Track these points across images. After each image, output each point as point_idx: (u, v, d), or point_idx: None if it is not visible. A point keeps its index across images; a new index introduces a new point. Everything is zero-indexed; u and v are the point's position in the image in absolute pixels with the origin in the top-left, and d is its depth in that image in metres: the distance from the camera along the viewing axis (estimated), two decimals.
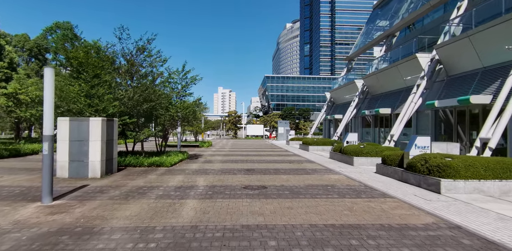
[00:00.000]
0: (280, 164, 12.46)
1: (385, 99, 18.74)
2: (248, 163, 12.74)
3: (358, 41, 30.93)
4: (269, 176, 9.32)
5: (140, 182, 8.07)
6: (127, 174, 9.59)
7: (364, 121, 21.75)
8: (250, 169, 10.82)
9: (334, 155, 14.58)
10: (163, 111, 13.03)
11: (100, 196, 6.39)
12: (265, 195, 6.59)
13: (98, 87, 10.77)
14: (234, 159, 14.40)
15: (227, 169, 10.79)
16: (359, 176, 9.38)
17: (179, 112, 12.97)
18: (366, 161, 12.17)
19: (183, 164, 12.40)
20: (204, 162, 13.26)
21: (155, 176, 9.24)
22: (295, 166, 11.84)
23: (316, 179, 8.83)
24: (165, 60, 13.26)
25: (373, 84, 20.57)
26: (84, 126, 8.77)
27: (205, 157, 15.39)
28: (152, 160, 11.27)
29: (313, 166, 12.07)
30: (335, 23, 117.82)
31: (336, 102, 29.70)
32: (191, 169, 10.74)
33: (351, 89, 23.73)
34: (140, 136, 11.10)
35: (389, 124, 17.90)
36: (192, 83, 14.23)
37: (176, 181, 8.26)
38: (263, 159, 14.73)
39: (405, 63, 16.06)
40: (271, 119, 53.71)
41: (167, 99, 12.87)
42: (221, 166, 11.82)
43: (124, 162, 11.09)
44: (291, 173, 10.02)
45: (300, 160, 14.18)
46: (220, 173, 9.82)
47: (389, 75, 18.05)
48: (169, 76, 13.72)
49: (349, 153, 12.83)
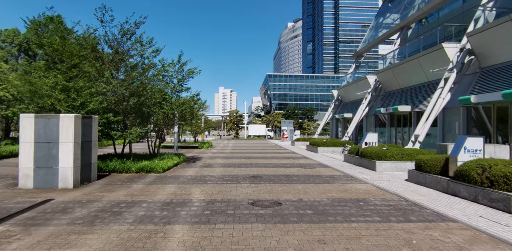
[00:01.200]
0: (290, 169, 10.78)
1: (403, 96, 17.03)
2: (253, 168, 11.06)
3: (367, 36, 29.20)
4: (280, 185, 7.64)
5: (120, 195, 6.40)
6: (108, 182, 7.93)
7: (377, 120, 20.04)
8: (257, 176, 9.14)
9: (350, 158, 12.88)
10: (156, 108, 11.39)
11: (59, 218, 4.72)
12: (281, 216, 4.90)
13: (76, 80, 9.13)
14: (236, 163, 12.71)
15: (229, 176, 9.11)
16: (390, 186, 7.68)
17: (175, 109, 11.30)
18: (391, 166, 10.48)
19: (178, 169, 10.73)
20: (202, 166, 11.59)
21: (142, 185, 7.57)
22: (309, 172, 10.15)
23: (340, 189, 7.14)
24: (158, 51, 11.61)
25: (388, 80, 18.85)
26: (53, 124, 7.11)
27: (204, 160, 13.71)
28: (141, 165, 9.61)
29: (329, 171, 10.38)
30: (338, 21, 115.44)
31: (344, 100, 27.97)
32: (187, 176, 9.07)
33: (362, 86, 22.02)
34: (127, 136, 9.43)
35: (408, 123, 16.19)
36: (189, 77, 12.59)
37: (165, 193, 6.59)
38: (269, 162, 13.04)
39: (428, 55, 14.35)
40: (274, 119, 51.97)
41: (160, 95, 11.21)
42: (222, 171, 10.15)
43: (108, 167, 9.43)
44: (307, 181, 8.33)
45: (312, 164, 12.49)
46: (221, 181, 8.14)
47: (407, 69, 16.34)
48: (163, 68, 12.08)
49: (369, 156, 11.14)
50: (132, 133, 9.34)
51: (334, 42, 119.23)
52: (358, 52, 28.39)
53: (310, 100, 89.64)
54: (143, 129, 9.85)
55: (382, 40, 24.25)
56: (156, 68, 11.79)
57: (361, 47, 28.64)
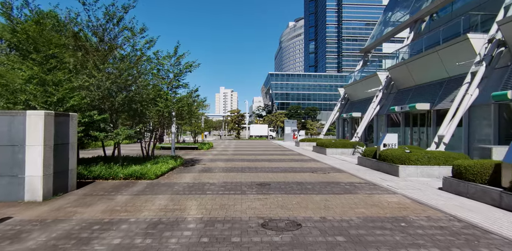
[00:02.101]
0: (301, 175, 9.49)
1: (419, 93, 15.73)
2: (259, 173, 9.78)
3: (374, 32, 27.89)
4: (294, 196, 6.36)
5: (97, 211, 5.13)
6: (89, 192, 6.66)
7: (389, 119, 18.73)
8: (264, 183, 7.86)
9: (366, 161, 11.60)
10: (150, 105, 10.14)
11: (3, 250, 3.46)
12: (305, 247, 3.62)
13: (55, 72, 7.86)
14: (240, 166, 11.44)
15: (232, 184, 7.83)
16: (426, 197, 6.39)
17: (170, 107, 10.04)
18: (416, 171, 9.18)
19: (174, 174, 9.46)
20: (201, 170, 10.32)
21: (127, 196, 6.31)
22: (322, 177, 8.86)
23: (367, 202, 5.86)
24: (152, 41, 10.36)
25: (401, 76, 17.55)
26: (18, 123, 5.85)
27: (204, 163, 12.44)
28: (130, 170, 8.34)
29: (345, 177, 9.09)
30: (342, 19, 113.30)
31: (351, 99, 26.65)
32: (183, 184, 7.79)
33: (372, 83, 20.71)
34: (114, 137, 8.16)
35: (426, 122, 14.88)
36: (187, 71, 11.32)
37: (154, 209, 5.32)
38: (276, 166, 11.76)
39: (450, 48, 13.04)
40: (277, 119, 50.64)
41: (154, 90, 9.96)
42: (223, 177, 8.87)
43: (92, 173, 8.17)
44: (324, 190, 7.04)
45: (323, 168, 11.20)
46: (223, 191, 6.86)
47: (424, 64, 15.03)
48: (158, 61, 10.84)
49: (390, 160, 9.84)
50: (119, 134, 8.06)
51: (337, 41, 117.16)
52: (366, 48, 27.10)
53: (313, 100, 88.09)
54: (133, 129, 8.57)
55: (392, 35, 22.93)
56: (149, 61, 10.56)
57: (368, 43, 27.34)
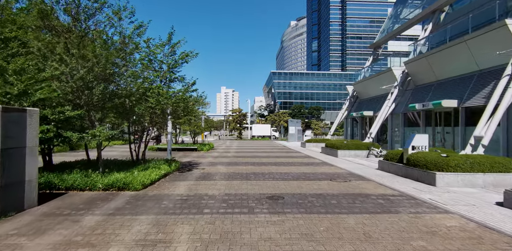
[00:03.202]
0: (317, 183, 7.95)
1: (442, 89, 14.15)
2: (267, 181, 8.25)
3: (385, 26, 26.32)
4: (319, 218, 4.82)
5: (47, 245, 3.62)
6: (51, 211, 5.15)
7: (406, 118, 17.15)
8: (276, 196, 6.32)
9: (389, 165, 10.05)
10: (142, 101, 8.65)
11: None
12: None
13: (18, 58, 6.37)
14: (244, 172, 9.91)
15: (237, 196, 6.30)
16: (493, 219, 4.84)
17: (162, 103, 8.52)
18: (456, 179, 7.63)
19: (166, 182, 7.93)
20: (199, 177, 8.79)
21: (99, 217, 4.79)
22: (345, 187, 7.32)
23: (421, 229, 4.32)
24: (141, 27, 8.87)
25: (420, 71, 15.98)
26: None
27: (203, 168, 10.91)
28: (112, 179, 6.83)
29: (372, 186, 7.54)
30: (346, 16, 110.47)
31: (361, 97, 25.08)
32: (175, 196, 6.27)
33: (386, 80, 19.13)
34: (90, 138, 6.64)
35: (451, 122, 13.29)
36: (183, 62, 9.81)
37: (128, 241, 3.80)
38: (285, 171, 10.22)
39: (482, 36, 11.48)
40: (280, 118, 49.00)
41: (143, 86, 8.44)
42: (225, 187, 7.34)
43: (65, 182, 6.67)
44: (355, 207, 5.50)
45: (341, 174, 9.66)
46: (224, 209, 5.33)
47: (449, 56, 13.46)
48: (149, 50, 9.35)
49: (422, 165, 8.29)
50: (97, 135, 6.54)
51: (341, 39, 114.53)
52: (376, 43, 25.52)
53: (316, 99, 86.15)
54: (116, 130, 7.06)
55: (406, 28, 21.33)
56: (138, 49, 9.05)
57: (378, 38, 25.77)
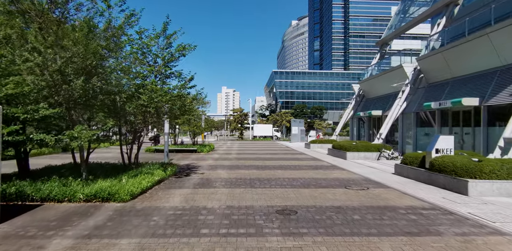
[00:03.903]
0: (332, 192, 6.96)
1: (460, 87, 13.14)
2: (274, 188, 7.27)
3: (392, 22, 25.33)
4: (346, 243, 3.83)
5: None
6: (12, 231, 4.20)
7: (419, 118, 16.14)
8: (287, 210, 5.34)
9: (409, 170, 9.06)
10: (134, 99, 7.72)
11: None
12: None
13: None
14: (247, 177, 8.94)
15: (240, 210, 5.32)
16: None
17: (155, 99, 7.55)
18: (491, 188, 6.66)
19: (159, 191, 6.96)
20: (197, 184, 7.82)
21: (70, 241, 3.83)
22: (365, 197, 6.34)
23: None
24: (133, 15, 7.94)
25: (435, 67, 14.97)
26: None
27: (202, 172, 9.95)
28: (95, 188, 5.86)
29: (395, 196, 6.55)
30: (348, 14, 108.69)
31: (368, 96, 24.06)
32: (167, 210, 5.29)
33: (396, 77, 18.11)
34: (68, 141, 5.68)
35: (472, 121, 12.28)
36: (180, 55, 8.86)
37: None
38: (294, 176, 9.24)
39: (507, 28, 10.46)
40: (282, 118, 47.95)
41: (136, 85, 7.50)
42: (227, 197, 6.36)
43: (40, 192, 5.71)
44: (384, 225, 4.52)
45: (356, 180, 8.68)
46: (226, 228, 4.35)
47: (468, 50, 12.46)
48: (142, 42, 8.42)
49: (450, 171, 7.30)
50: (76, 136, 5.57)
51: (343, 37, 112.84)
52: (383, 40, 24.54)
53: (319, 99, 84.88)
54: (98, 129, 6.09)
55: (415, 23, 20.33)
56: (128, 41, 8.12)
57: (386, 35, 24.80)
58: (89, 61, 5.53)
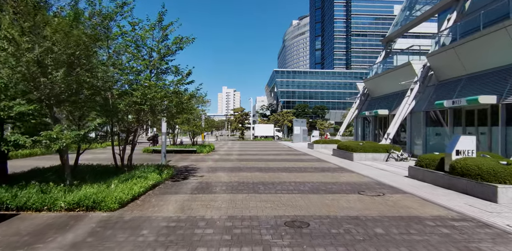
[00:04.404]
0: (346, 198, 6.26)
1: (473, 84, 12.43)
2: (281, 194, 6.57)
3: (398, 18, 24.61)
4: None
5: None
6: None
7: (428, 117, 15.43)
8: (298, 221, 4.65)
9: (426, 174, 8.36)
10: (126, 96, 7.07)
11: None
12: None
13: None
14: (250, 181, 8.24)
15: (244, 221, 4.63)
16: None
17: (149, 96, 6.86)
18: None
19: (153, 197, 6.27)
20: (196, 189, 7.13)
21: None
22: (383, 205, 5.64)
23: None
24: (125, 4, 7.30)
25: (446, 64, 14.27)
26: None
27: (201, 175, 9.26)
28: (79, 195, 5.18)
29: (416, 204, 5.85)
30: (350, 13, 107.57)
31: (373, 94, 23.35)
32: (159, 223, 4.59)
33: (403, 75, 17.40)
34: (46, 142, 5.00)
35: (488, 121, 11.56)
36: (177, 48, 8.17)
37: None
38: (301, 180, 8.54)
39: None
40: (284, 118, 47.22)
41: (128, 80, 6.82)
42: (228, 205, 5.67)
43: (16, 200, 5.03)
44: (414, 241, 3.82)
45: (368, 184, 7.98)
46: (228, 246, 3.65)
47: (484, 46, 11.75)
48: (135, 32, 7.74)
49: (475, 175, 6.60)
50: (55, 137, 4.88)
51: (345, 36, 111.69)
52: (389, 37, 23.83)
53: (320, 98, 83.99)
54: (82, 129, 5.40)
55: (423, 19, 19.61)
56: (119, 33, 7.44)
57: (391, 32, 24.06)
58: (70, 51, 4.84)
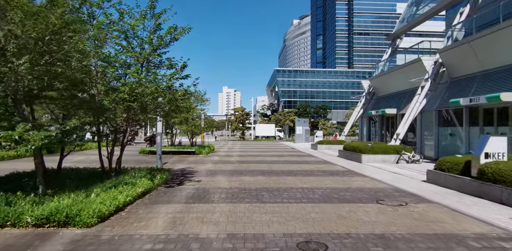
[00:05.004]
0: (364, 209, 5.42)
1: (492, 81, 11.58)
2: (289, 204, 5.73)
3: (404, 14, 23.75)
4: None
5: None
6: None
7: (441, 117, 14.57)
8: (313, 241, 3.80)
9: (448, 179, 7.50)
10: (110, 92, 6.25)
11: None
12: None
13: None
14: (253, 187, 7.40)
15: (247, 242, 3.79)
16: None
17: (138, 91, 6.03)
18: None
19: (140, 208, 5.42)
20: (191, 198, 6.29)
21: None
22: (412, 220, 4.79)
23: None
24: None
25: (460, 60, 13.42)
26: None
27: (198, 180, 8.41)
28: (51, 207, 4.34)
29: (450, 217, 5.01)
30: (353, 11, 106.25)
31: (378, 93, 22.49)
32: (142, 244, 3.74)
33: (412, 72, 16.54)
34: (16, 145, 4.17)
35: (509, 120, 10.71)
36: (171, 39, 7.34)
37: None
38: (309, 186, 7.70)
39: None
40: (285, 118, 46.37)
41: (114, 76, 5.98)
42: (227, 218, 4.83)
43: None
44: None
45: (384, 190, 7.13)
46: None
47: (504, 39, 10.89)
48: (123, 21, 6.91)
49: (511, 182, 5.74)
50: (23, 139, 4.05)
51: (347, 35, 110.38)
52: (395, 34, 22.97)
53: (322, 98, 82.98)
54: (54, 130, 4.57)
55: (432, 14, 18.81)
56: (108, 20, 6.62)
57: (398, 28, 23.20)
58: (38, 35, 4.01)
